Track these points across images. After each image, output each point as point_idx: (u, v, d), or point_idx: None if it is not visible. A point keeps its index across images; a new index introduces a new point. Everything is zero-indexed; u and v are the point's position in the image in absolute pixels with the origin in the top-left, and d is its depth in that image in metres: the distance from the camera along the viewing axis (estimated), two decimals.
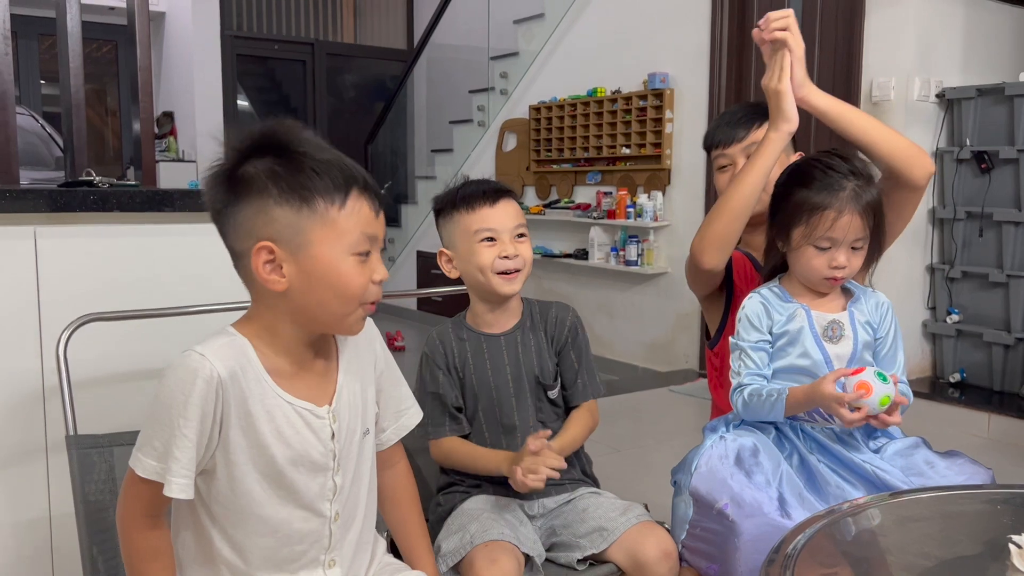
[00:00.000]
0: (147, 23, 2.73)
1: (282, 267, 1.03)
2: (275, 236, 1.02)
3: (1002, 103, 3.64)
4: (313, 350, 1.13)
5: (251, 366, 1.06)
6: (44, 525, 1.67)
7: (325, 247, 1.02)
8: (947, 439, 2.93)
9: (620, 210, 4.93)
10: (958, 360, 3.85)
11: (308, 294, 1.04)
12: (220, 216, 1.06)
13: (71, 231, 1.64)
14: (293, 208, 1.01)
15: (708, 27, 4.53)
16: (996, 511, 1.16)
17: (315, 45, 7.94)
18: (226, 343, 1.06)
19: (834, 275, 1.43)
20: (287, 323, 1.08)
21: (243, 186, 1.03)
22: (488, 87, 6.22)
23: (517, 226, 1.48)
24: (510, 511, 1.47)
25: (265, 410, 1.06)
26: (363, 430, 1.18)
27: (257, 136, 1.04)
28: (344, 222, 1.03)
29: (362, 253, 1.05)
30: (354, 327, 1.10)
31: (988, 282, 3.70)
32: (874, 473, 1.36)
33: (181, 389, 1.02)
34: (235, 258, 1.07)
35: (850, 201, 1.39)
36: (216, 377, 1.02)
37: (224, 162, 1.05)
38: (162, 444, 1.02)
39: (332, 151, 1.06)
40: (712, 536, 1.34)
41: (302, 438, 1.09)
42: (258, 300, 1.09)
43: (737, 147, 1.69)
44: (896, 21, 3.77)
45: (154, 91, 6.99)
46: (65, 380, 1.39)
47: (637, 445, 3.42)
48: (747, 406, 1.43)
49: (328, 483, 1.12)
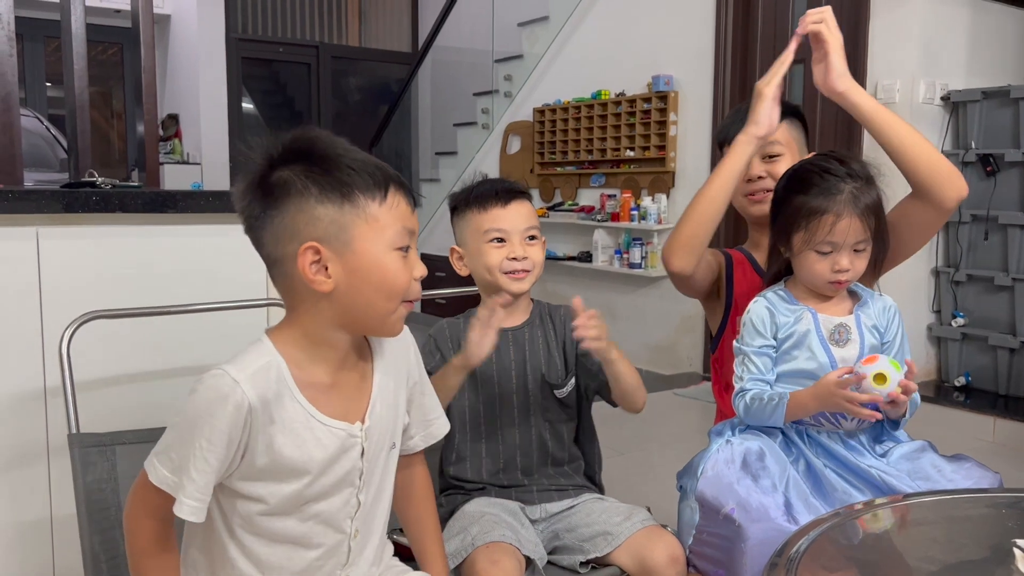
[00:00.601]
0: (151, 26, 2.74)
1: (327, 267, 1.02)
2: (320, 236, 1.01)
3: (1007, 106, 3.63)
4: (351, 359, 1.11)
5: (285, 388, 1.04)
6: (45, 524, 1.67)
7: (369, 243, 1.02)
8: (952, 443, 2.91)
9: (624, 213, 4.93)
10: (963, 364, 3.83)
11: (354, 293, 1.03)
12: (257, 223, 1.04)
13: (73, 232, 1.65)
14: (335, 205, 1.01)
15: (712, 29, 4.52)
16: (1001, 515, 1.15)
17: (320, 48, 7.95)
18: (262, 367, 1.03)
19: (838, 279, 1.42)
20: (329, 327, 1.06)
21: (280, 190, 1.02)
22: (492, 90, 6.22)
23: (528, 228, 1.48)
24: (512, 513, 1.46)
25: (293, 433, 1.04)
26: (390, 444, 1.16)
27: (289, 142, 1.04)
28: (385, 217, 1.03)
29: (403, 248, 1.05)
30: (396, 326, 1.10)
31: (993, 285, 3.69)
32: (880, 478, 1.35)
33: (209, 412, 1.00)
34: (273, 265, 1.06)
35: (848, 204, 1.38)
36: (247, 406, 1.00)
37: (257, 170, 1.04)
38: (179, 458, 1.00)
39: (363, 152, 1.06)
40: (719, 541, 1.33)
41: (331, 457, 1.07)
42: (299, 306, 1.06)
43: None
44: (901, 24, 3.77)
45: (159, 93, 7.03)
46: (68, 378, 1.39)
47: (641, 448, 3.41)
48: (748, 411, 1.43)
49: (352, 500, 1.11)
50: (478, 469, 1.53)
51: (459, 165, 6.45)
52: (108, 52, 7.44)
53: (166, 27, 7.01)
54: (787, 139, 1.69)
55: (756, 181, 1.67)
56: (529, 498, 1.51)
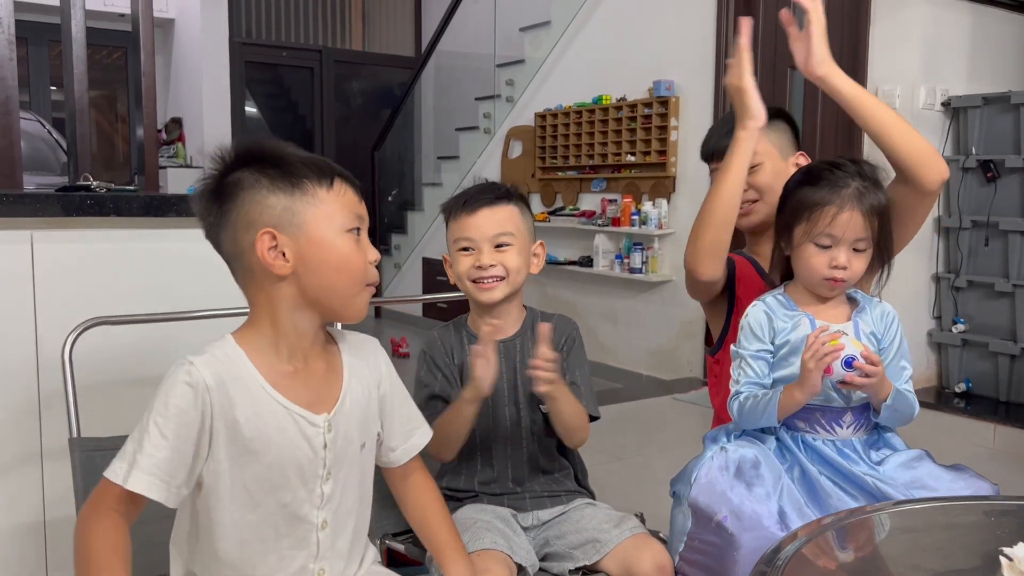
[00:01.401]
0: (151, 29, 2.75)
1: (284, 252, 1.07)
2: (274, 222, 1.07)
3: (1008, 111, 3.62)
4: (316, 350, 1.15)
5: (244, 372, 1.08)
6: (39, 528, 1.67)
7: (321, 226, 1.08)
8: (952, 450, 2.91)
9: (625, 217, 4.92)
10: (964, 370, 3.82)
11: (313, 274, 1.08)
12: (215, 224, 1.10)
13: (68, 236, 1.65)
14: (286, 193, 1.07)
15: (713, 35, 4.52)
16: (991, 523, 1.14)
17: (323, 52, 7.97)
18: (218, 352, 1.09)
19: (834, 275, 1.41)
20: (292, 312, 1.10)
21: (233, 188, 1.08)
22: (494, 94, 6.22)
23: (499, 234, 1.45)
24: (503, 520, 1.45)
25: (255, 415, 1.07)
26: (360, 443, 1.18)
27: (238, 148, 1.11)
28: (334, 202, 1.09)
29: (353, 230, 1.11)
30: (361, 310, 1.14)
31: (994, 292, 3.68)
32: (875, 486, 1.34)
33: (164, 392, 1.05)
34: (234, 260, 1.11)
35: (852, 199, 1.38)
36: (202, 383, 1.05)
37: (211, 176, 1.10)
38: (134, 445, 1.04)
39: (311, 154, 1.13)
40: (711, 549, 1.32)
41: (291, 444, 1.10)
42: (261, 295, 1.11)
43: None
44: (901, 29, 3.76)
45: (163, 97, 7.03)
46: (70, 382, 1.41)
47: (639, 454, 3.40)
48: (743, 412, 1.42)
49: (316, 490, 1.12)
50: (471, 479, 1.53)
51: (461, 169, 6.45)
52: (113, 56, 7.46)
53: (170, 31, 7.04)
54: (764, 148, 1.68)
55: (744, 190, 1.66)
56: (522, 505, 1.51)
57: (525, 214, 1.51)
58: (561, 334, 1.54)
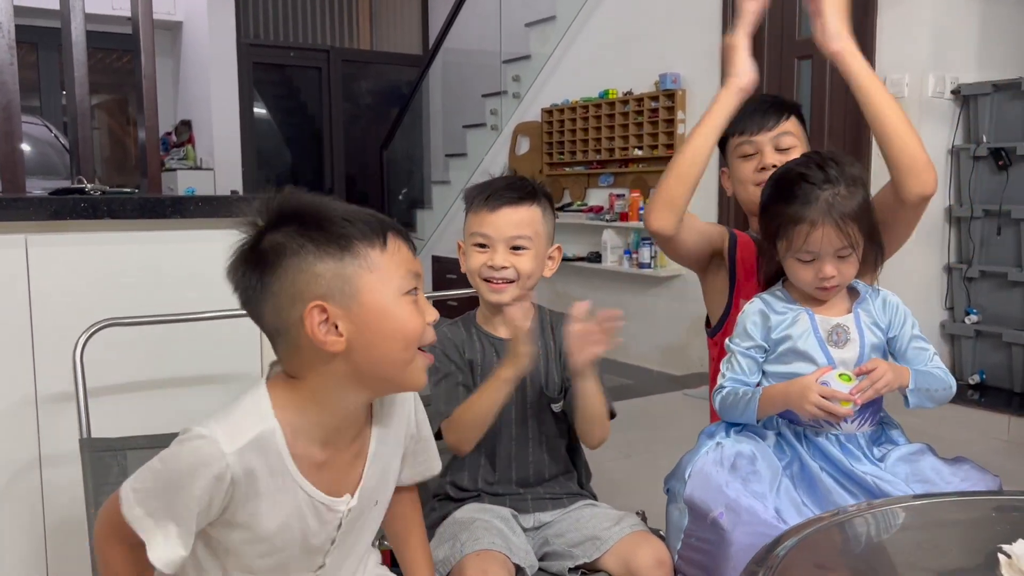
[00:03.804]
0: (151, 32, 2.75)
1: (337, 325, 0.96)
2: (324, 293, 0.95)
3: (1019, 98, 3.57)
4: (352, 430, 1.06)
5: (276, 461, 0.99)
6: (39, 532, 1.67)
7: (376, 293, 0.97)
8: (967, 442, 2.86)
9: (633, 212, 4.90)
10: (977, 361, 3.77)
11: (369, 348, 0.98)
12: (255, 295, 0.98)
13: (63, 239, 1.65)
14: (335, 259, 0.96)
15: (719, 27, 4.49)
16: (991, 519, 1.12)
17: (331, 52, 7.98)
18: (254, 439, 0.97)
19: (823, 285, 1.39)
20: (344, 389, 1.01)
21: (274, 254, 0.96)
22: (501, 91, 6.21)
23: (515, 236, 1.42)
24: (503, 520, 1.44)
25: (274, 502, 1.00)
26: (373, 503, 1.12)
27: (276, 206, 0.99)
28: (388, 263, 0.98)
29: (411, 291, 1.00)
30: (418, 377, 1.04)
31: (1007, 281, 3.62)
32: (875, 484, 1.32)
33: (191, 477, 0.95)
34: (278, 336, 0.99)
35: (822, 214, 1.35)
36: (229, 479, 0.96)
37: (246, 239, 0.99)
38: (155, 509, 0.97)
39: (352, 204, 1.01)
40: (706, 546, 1.31)
41: (305, 527, 1.04)
42: (309, 373, 1.00)
43: (766, 136, 1.64)
44: (909, 16, 3.72)
45: (173, 100, 7.05)
46: (81, 384, 1.42)
47: (648, 450, 3.38)
48: (723, 406, 1.42)
49: (318, 559, 1.08)
50: (475, 477, 1.51)
51: (469, 167, 6.45)
52: (123, 59, 7.50)
53: (178, 34, 7.07)
54: (798, 131, 1.66)
55: (769, 170, 1.62)
56: (523, 506, 1.49)
57: (547, 216, 1.47)
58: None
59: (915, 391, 1.37)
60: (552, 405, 1.50)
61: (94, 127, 7.47)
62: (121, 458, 1.38)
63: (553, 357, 1.51)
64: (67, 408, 1.51)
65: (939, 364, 1.42)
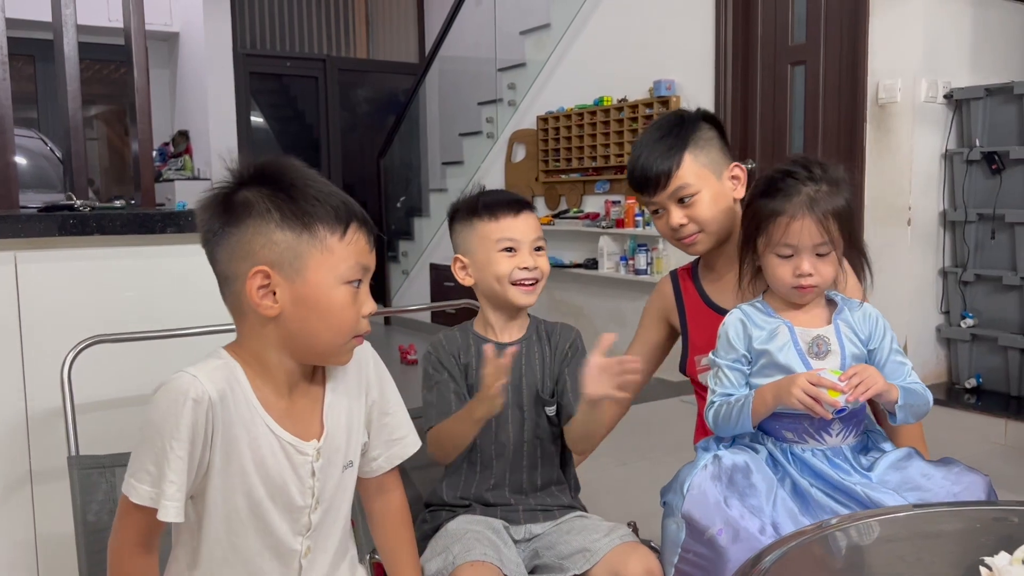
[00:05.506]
0: (143, 44, 2.75)
1: (275, 293, 1.03)
2: (273, 260, 1.02)
3: (1012, 102, 3.57)
4: (302, 381, 1.12)
5: (241, 390, 1.05)
6: (30, 547, 1.67)
7: (320, 274, 1.03)
8: (963, 446, 2.86)
9: (629, 219, 4.90)
10: (974, 365, 3.77)
11: (299, 321, 1.04)
12: (214, 238, 1.05)
13: (52, 255, 1.65)
14: (295, 233, 1.02)
15: (712, 33, 4.50)
16: (975, 531, 1.11)
17: (327, 61, 7.99)
18: (219, 365, 1.05)
19: (800, 283, 1.39)
20: (275, 351, 1.07)
21: (242, 209, 1.03)
22: (496, 98, 6.22)
23: (537, 238, 1.50)
24: (495, 531, 1.44)
25: (250, 436, 1.05)
26: (345, 463, 1.16)
27: (260, 165, 1.06)
28: (342, 251, 1.04)
29: (354, 282, 1.06)
30: (343, 358, 1.11)
31: (1002, 285, 3.62)
32: (865, 495, 1.31)
33: (172, 410, 1.01)
34: (224, 282, 1.07)
35: (803, 206, 1.36)
36: (207, 398, 1.01)
37: (223, 187, 1.06)
38: (155, 468, 1.01)
39: (332, 185, 1.07)
40: (703, 562, 1.30)
41: (282, 473, 1.07)
42: (246, 328, 1.08)
43: (663, 195, 1.60)
44: (902, 21, 3.72)
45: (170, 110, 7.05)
46: (68, 400, 1.43)
47: (645, 458, 3.38)
48: (717, 420, 1.41)
49: (303, 519, 1.11)
50: (470, 485, 1.52)
51: (466, 174, 6.45)
52: (121, 71, 7.52)
53: (175, 44, 7.08)
54: (698, 174, 1.59)
55: (681, 229, 1.61)
56: (515, 518, 1.50)
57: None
58: (564, 342, 1.55)
59: (903, 407, 1.37)
60: (546, 408, 1.52)
61: (93, 138, 7.50)
62: (110, 475, 1.38)
63: (548, 362, 1.54)
64: (58, 424, 1.51)
65: (916, 379, 1.42)
